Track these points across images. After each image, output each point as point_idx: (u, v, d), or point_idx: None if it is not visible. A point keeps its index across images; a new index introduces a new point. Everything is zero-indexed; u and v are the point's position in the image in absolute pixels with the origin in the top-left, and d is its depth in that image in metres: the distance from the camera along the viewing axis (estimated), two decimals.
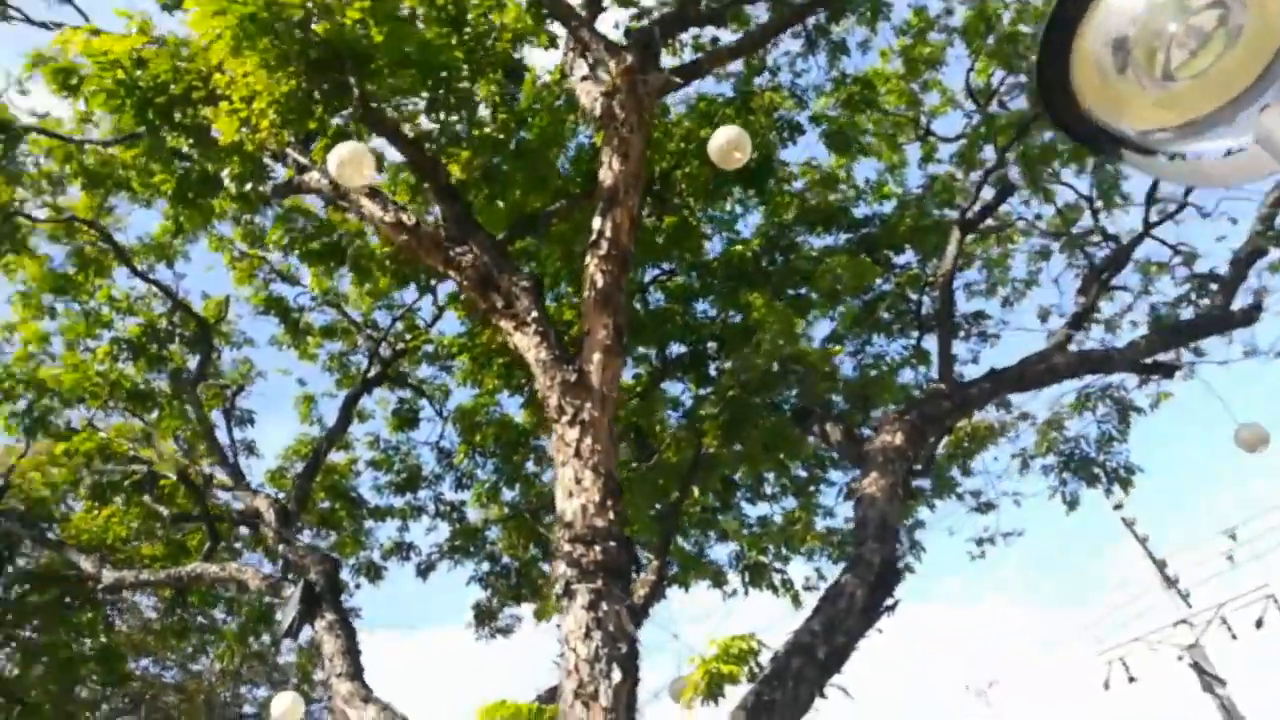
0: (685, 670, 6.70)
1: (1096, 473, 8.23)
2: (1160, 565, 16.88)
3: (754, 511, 11.24)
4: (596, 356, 6.36)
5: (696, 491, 10.01)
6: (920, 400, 7.18)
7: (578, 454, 6.18)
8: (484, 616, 11.91)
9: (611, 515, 6.03)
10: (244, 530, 13.61)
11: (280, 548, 9.68)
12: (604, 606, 5.72)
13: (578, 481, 6.13)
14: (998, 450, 9.44)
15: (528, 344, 6.69)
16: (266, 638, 15.31)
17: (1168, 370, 7.61)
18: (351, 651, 8.32)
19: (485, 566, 12.08)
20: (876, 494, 6.62)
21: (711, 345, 10.22)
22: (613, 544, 5.91)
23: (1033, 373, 7.19)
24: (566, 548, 5.91)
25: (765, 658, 6.36)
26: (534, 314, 6.56)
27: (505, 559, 12.16)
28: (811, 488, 11.05)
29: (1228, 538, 15.82)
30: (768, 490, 11.39)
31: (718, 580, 11.22)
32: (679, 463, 9.83)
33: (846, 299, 8.94)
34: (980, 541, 10.07)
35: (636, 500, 9.50)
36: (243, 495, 10.60)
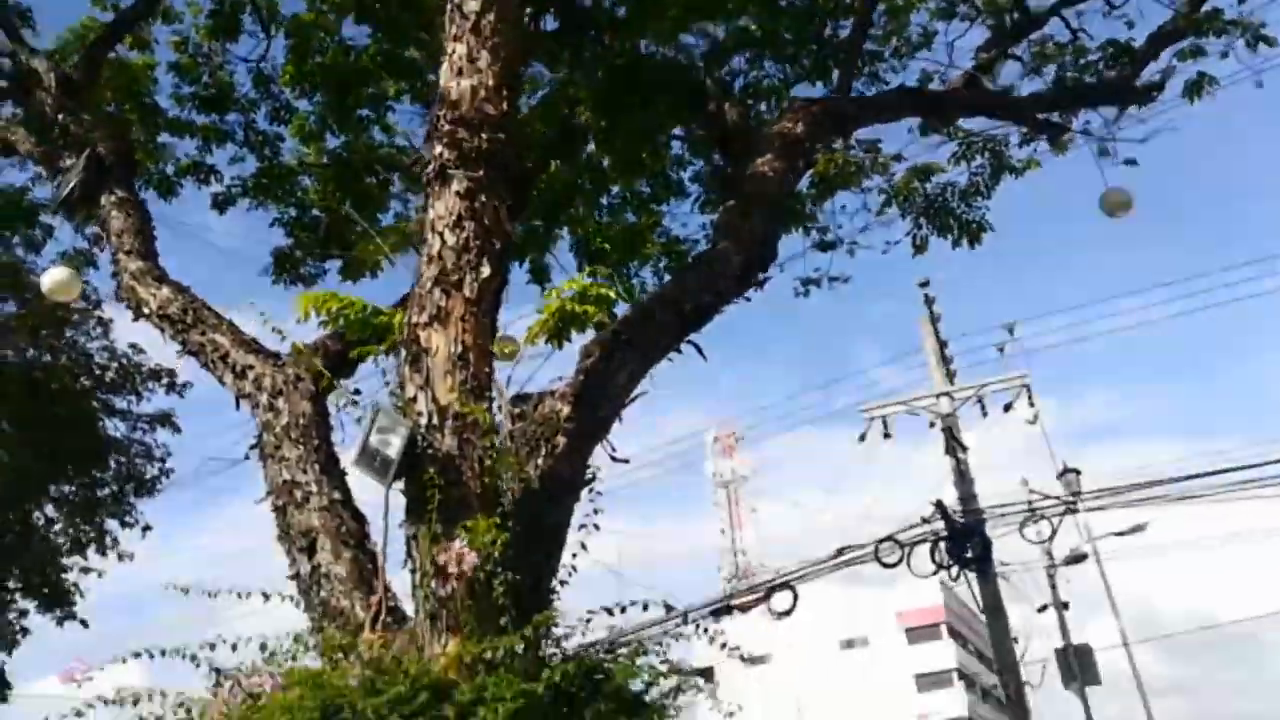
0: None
1: (951, 223, 8.49)
2: (942, 345, 18.53)
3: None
4: None
5: (553, 166, 9.45)
6: (826, 97, 6.92)
7: (476, 29, 5.45)
8: (285, 263, 10.96)
9: (505, 106, 5.45)
10: (6, 113, 11.66)
11: (60, 117, 8.34)
12: (482, 198, 5.23)
13: (471, 60, 5.43)
14: (852, 198, 9.51)
15: None
16: (21, 248, 13.55)
17: (1058, 130, 7.80)
18: (144, 232, 7.41)
19: (292, 213, 11.03)
20: (769, 173, 6.41)
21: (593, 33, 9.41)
22: (501, 135, 5.37)
23: (939, 97, 7.11)
24: (448, 128, 5.30)
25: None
26: None
27: (315, 211, 11.15)
28: (655, 205, 10.75)
29: (1005, 330, 17.65)
30: (607, 202, 11.01)
31: (540, 276, 10.87)
32: (541, 130, 9.19)
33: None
34: (807, 282, 10.28)
35: None
36: (17, 51, 8.93)
